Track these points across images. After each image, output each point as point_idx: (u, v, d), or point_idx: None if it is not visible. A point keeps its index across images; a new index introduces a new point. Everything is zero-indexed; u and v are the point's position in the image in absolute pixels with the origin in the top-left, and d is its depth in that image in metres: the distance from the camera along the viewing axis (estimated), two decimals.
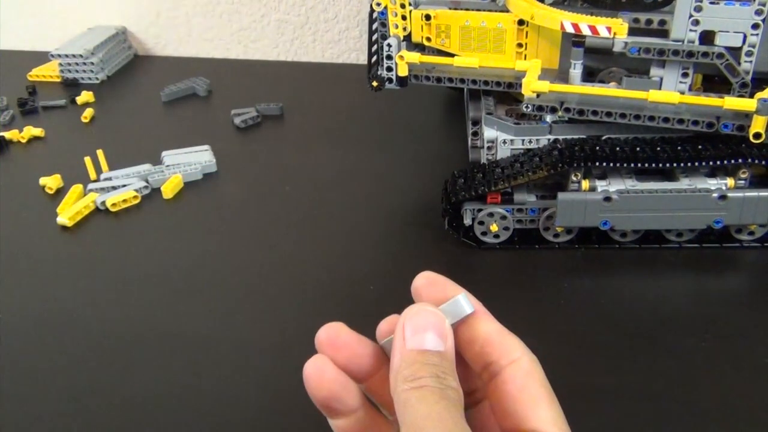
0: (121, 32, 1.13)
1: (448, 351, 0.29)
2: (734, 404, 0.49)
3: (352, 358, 0.31)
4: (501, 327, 0.31)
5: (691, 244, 0.64)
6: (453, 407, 0.27)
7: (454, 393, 0.28)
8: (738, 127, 0.58)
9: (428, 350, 0.29)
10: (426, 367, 0.28)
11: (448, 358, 0.29)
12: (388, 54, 0.68)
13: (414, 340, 0.29)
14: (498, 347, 0.30)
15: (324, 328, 0.31)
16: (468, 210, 0.64)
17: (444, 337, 0.29)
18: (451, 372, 0.29)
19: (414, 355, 0.29)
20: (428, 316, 0.30)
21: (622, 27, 0.57)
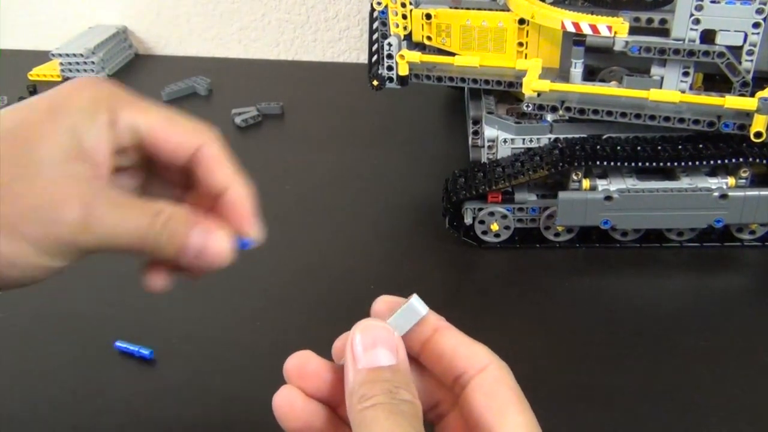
0: (122, 31, 1.13)
1: (400, 363, 0.29)
2: (735, 404, 0.49)
3: (321, 385, 0.31)
4: (466, 337, 0.31)
5: (691, 243, 0.64)
6: (405, 421, 0.27)
7: (407, 406, 0.27)
8: (739, 126, 0.58)
9: (380, 367, 0.29)
10: (378, 385, 0.28)
11: (401, 371, 0.29)
12: (389, 53, 0.67)
13: (365, 358, 0.29)
14: (465, 358, 0.30)
15: (291, 359, 0.31)
16: (468, 209, 0.64)
17: (394, 350, 0.29)
18: (405, 384, 0.28)
19: (365, 373, 0.28)
20: (376, 332, 0.30)
21: (622, 26, 0.57)
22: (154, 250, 0.31)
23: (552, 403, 0.49)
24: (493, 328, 0.56)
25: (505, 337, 0.55)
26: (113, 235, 0.30)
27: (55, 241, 0.29)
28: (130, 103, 0.33)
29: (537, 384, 0.50)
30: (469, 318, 0.57)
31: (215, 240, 0.32)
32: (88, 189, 0.30)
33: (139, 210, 0.31)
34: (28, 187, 0.29)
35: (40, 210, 0.29)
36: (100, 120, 0.31)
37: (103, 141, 0.31)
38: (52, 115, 0.30)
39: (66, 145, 0.30)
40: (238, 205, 0.34)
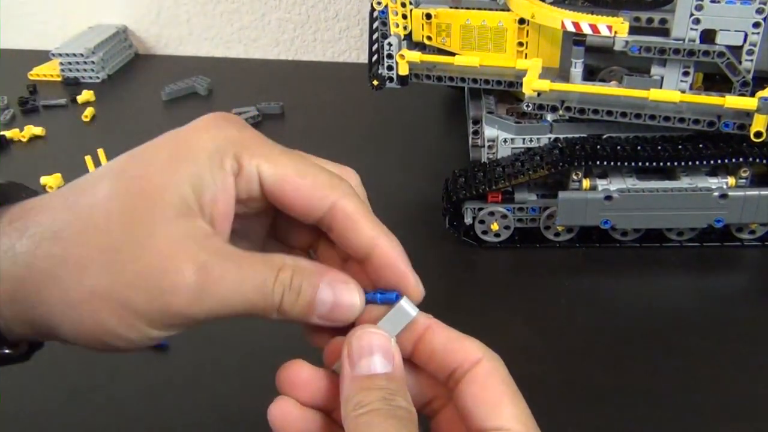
0: (122, 31, 1.13)
1: (396, 371, 0.29)
2: (736, 403, 0.49)
3: (315, 393, 0.31)
4: (457, 333, 0.31)
5: (691, 243, 0.64)
6: (401, 424, 0.27)
7: (403, 412, 0.27)
8: (739, 126, 0.58)
9: (375, 374, 0.28)
10: (373, 392, 0.28)
11: (396, 378, 0.29)
12: (389, 53, 0.67)
13: (360, 365, 0.29)
14: (457, 353, 0.30)
15: (282, 370, 0.31)
16: (468, 209, 0.64)
17: (390, 357, 0.29)
18: (401, 391, 0.28)
19: (361, 381, 0.28)
20: (372, 339, 0.29)
21: (623, 26, 0.57)
22: (279, 310, 0.29)
23: (552, 403, 0.49)
24: (493, 327, 0.56)
25: (505, 336, 0.55)
26: (231, 298, 0.28)
27: (166, 315, 0.27)
28: (258, 149, 0.30)
29: (537, 384, 0.50)
30: (469, 318, 0.57)
31: (346, 294, 0.30)
32: (204, 251, 0.27)
33: (259, 266, 0.28)
34: (138, 252, 0.27)
35: (149, 279, 0.27)
36: (225, 170, 0.29)
37: (225, 192, 0.29)
38: (173, 163, 0.28)
39: (184, 199, 0.28)
40: (392, 265, 0.31)
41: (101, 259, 0.27)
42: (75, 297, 0.27)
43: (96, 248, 0.27)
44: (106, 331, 0.27)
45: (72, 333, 0.28)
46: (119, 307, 0.27)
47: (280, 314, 0.29)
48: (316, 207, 0.30)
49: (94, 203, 0.28)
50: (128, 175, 0.28)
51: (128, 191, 0.28)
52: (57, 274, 0.27)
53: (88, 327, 0.27)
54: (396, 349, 0.30)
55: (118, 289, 0.27)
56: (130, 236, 0.27)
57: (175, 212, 0.27)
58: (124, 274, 0.27)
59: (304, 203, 0.30)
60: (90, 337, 0.28)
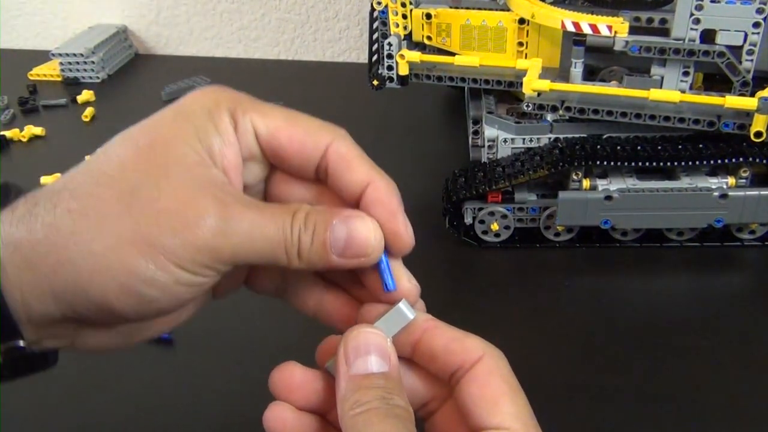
0: (122, 31, 1.13)
1: (392, 370, 0.29)
2: (736, 403, 0.49)
3: (309, 395, 0.31)
4: (458, 332, 0.31)
5: (691, 243, 0.64)
6: (400, 423, 0.27)
7: (401, 411, 0.27)
8: (739, 126, 0.58)
9: (372, 373, 0.28)
10: (371, 391, 0.28)
11: (393, 378, 0.29)
12: (389, 53, 0.67)
13: (356, 365, 0.29)
14: (459, 353, 0.30)
15: (275, 372, 0.31)
16: (469, 209, 0.64)
17: (387, 357, 0.29)
18: (398, 390, 0.28)
19: (358, 380, 0.28)
20: (368, 338, 0.29)
21: (623, 26, 0.57)
22: (298, 252, 0.29)
23: (552, 403, 0.49)
24: (493, 327, 0.56)
25: (505, 336, 0.55)
26: (253, 239, 0.28)
27: (192, 247, 0.27)
28: (249, 106, 0.31)
29: (537, 384, 0.50)
30: (469, 318, 0.57)
31: (360, 225, 0.30)
32: (223, 193, 0.28)
33: (276, 210, 0.29)
34: (160, 193, 0.27)
35: (174, 216, 0.27)
36: (223, 123, 0.30)
37: (231, 146, 0.30)
38: (177, 122, 0.29)
39: (197, 150, 0.29)
40: (384, 201, 0.31)
41: (121, 204, 0.27)
42: (100, 246, 0.26)
43: (114, 195, 0.27)
44: (138, 275, 0.27)
45: (101, 289, 0.27)
46: (147, 246, 0.27)
47: (300, 257, 0.29)
48: (311, 152, 0.31)
49: (107, 159, 0.28)
50: (137, 134, 0.29)
51: (139, 145, 0.28)
52: (78, 229, 0.27)
53: (119, 276, 0.27)
54: (392, 349, 0.30)
55: (142, 229, 0.27)
56: (147, 179, 0.27)
57: (189, 161, 0.28)
58: (147, 214, 0.27)
59: (299, 150, 0.31)
60: (122, 291, 0.27)
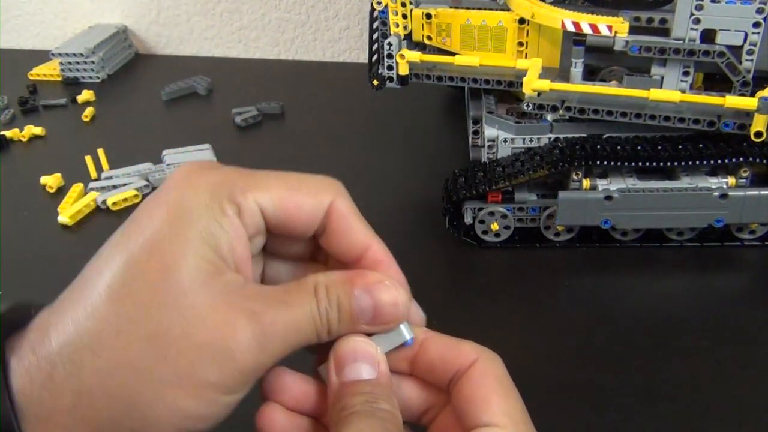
0: (122, 31, 1.13)
1: (381, 377, 0.29)
2: (736, 403, 0.49)
3: (300, 397, 0.31)
4: (451, 339, 0.31)
5: (691, 242, 0.64)
6: (380, 423, 0.27)
7: (385, 414, 0.28)
8: (739, 126, 0.58)
9: (360, 380, 0.29)
10: (357, 397, 0.28)
11: (381, 384, 0.29)
12: (389, 53, 0.67)
13: (345, 372, 0.29)
14: (453, 359, 0.30)
15: (267, 375, 0.31)
16: (468, 209, 0.64)
17: (375, 363, 0.29)
18: (385, 396, 0.29)
19: (346, 386, 0.29)
20: (357, 345, 0.30)
21: (623, 25, 0.57)
22: (329, 330, 0.29)
23: (552, 403, 0.49)
24: (493, 327, 0.56)
25: (505, 336, 0.55)
26: (289, 337, 0.27)
27: (238, 373, 0.26)
28: (246, 183, 0.29)
29: (537, 383, 0.50)
30: (469, 318, 0.57)
31: (385, 294, 0.30)
32: (246, 301, 0.27)
33: (299, 296, 0.28)
34: (188, 327, 0.25)
35: (210, 347, 0.26)
36: (228, 215, 0.28)
37: (238, 237, 0.28)
38: (176, 228, 0.27)
39: (205, 258, 0.27)
40: (385, 262, 0.31)
41: (152, 350, 0.25)
42: (144, 401, 0.25)
43: (141, 342, 0.25)
44: (190, 416, 0.26)
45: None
46: (194, 388, 0.26)
47: (329, 334, 0.29)
48: (316, 216, 0.30)
49: (114, 294, 0.26)
50: (137, 254, 0.26)
51: (144, 270, 0.26)
52: (113, 390, 0.25)
53: (171, 421, 0.26)
54: (381, 357, 0.30)
55: (184, 371, 0.25)
56: (171, 314, 0.26)
57: (202, 275, 0.26)
58: (185, 354, 0.25)
59: (306, 216, 0.30)
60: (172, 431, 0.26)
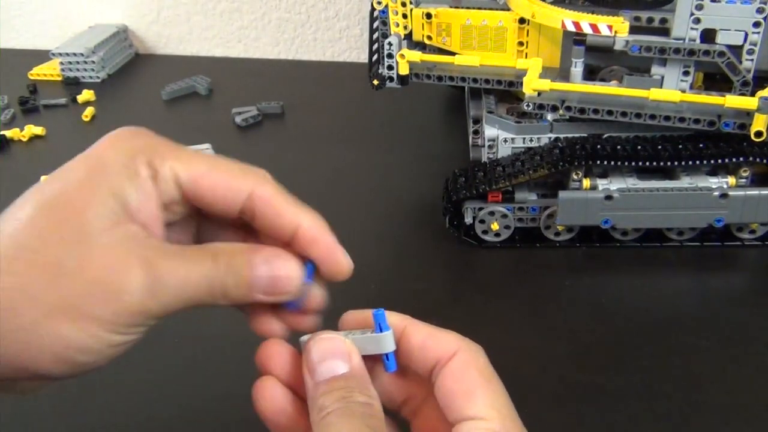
0: (122, 31, 1.13)
1: (354, 369, 0.30)
2: (736, 403, 0.49)
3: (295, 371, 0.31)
4: (434, 328, 0.32)
5: (692, 242, 0.64)
6: (357, 420, 0.28)
7: (360, 407, 0.28)
8: (739, 126, 0.58)
9: (333, 377, 0.30)
10: (331, 395, 0.29)
11: (355, 376, 0.30)
12: (389, 52, 0.67)
13: (318, 372, 0.30)
14: (435, 349, 0.31)
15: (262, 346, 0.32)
16: (469, 208, 0.64)
17: (346, 357, 0.30)
18: (360, 387, 0.29)
19: (321, 386, 0.29)
20: (325, 344, 0.31)
21: (623, 25, 0.57)
22: (224, 294, 0.30)
23: (552, 403, 0.49)
24: (493, 327, 0.56)
25: (505, 336, 0.55)
26: (180, 290, 0.28)
27: (125, 313, 0.27)
28: (168, 153, 0.30)
29: (537, 383, 0.50)
30: (470, 317, 0.57)
31: (282, 264, 0.30)
32: (145, 250, 0.28)
33: (198, 257, 0.29)
34: (84, 262, 0.27)
35: (101, 284, 0.27)
36: (141, 176, 0.29)
37: (148, 198, 0.29)
38: (91, 179, 0.28)
39: (112, 209, 0.28)
40: (317, 239, 0.31)
41: (46, 278, 0.26)
42: (29, 320, 0.26)
43: (38, 270, 0.26)
44: (71, 345, 0.27)
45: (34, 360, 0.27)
46: (78, 316, 0.26)
47: (226, 298, 0.30)
48: (234, 198, 0.31)
49: (24, 229, 0.27)
50: (49, 196, 0.28)
51: (54, 210, 0.28)
52: (6, 305, 0.26)
53: (53, 347, 0.26)
54: (353, 349, 0.31)
55: (72, 301, 0.26)
56: (70, 249, 0.27)
57: (106, 222, 0.28)
58: (75, 286, 0.26)
59: (222, 196, 0.31)
60: (56, 360, 0.27)
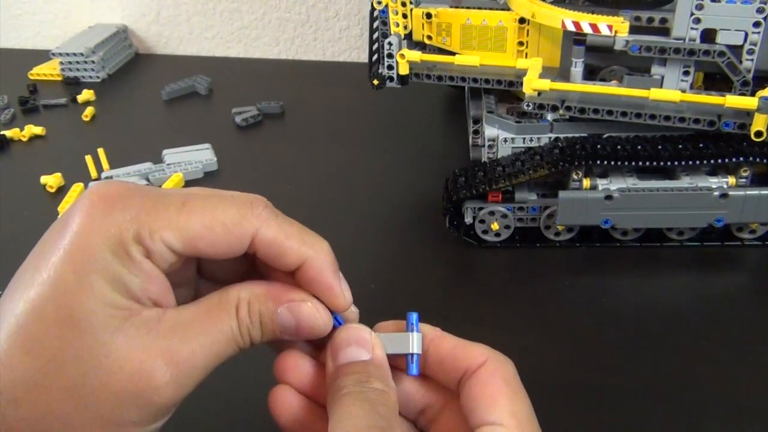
0: (122, 30, 1.13)
1: (375, 359, 0.31)
2: (736, 403, 0.49)
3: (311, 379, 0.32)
4: (462, 340, 0.32)
5: (692, 242, 0.64)
6: (369, 404, 0.28)
7: (377, 394, 0.29)
8: (739, 126, 0.58)
9: (352, 362, 0.30)
10: (349, 377, 0.29)
11: (375, 365, 0.30)
12: (389, 52, 0.67)
13: (339, 356, 0.31)
14: (463, 359, 0.31)
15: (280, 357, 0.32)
16: (469, 208, 0.64)
17: (369, 347, 0.31)
18: (379, 376, 0.30)
19: (340, 369, 0.30)
20: (351, 332, 0.31)
21: (623, 25, 0.57)
22: (251, 343, 0.30)
23: (552, 403, 0.49)
24: (493, 327, 0.56)
25: (505, 336, 0.55)
26: (208, 362, 0.28)
27: (157, 412, 0.27)
28: (155, 222, 0.28)
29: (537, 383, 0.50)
30: (470, 317, 0.57)
31: (305, 312, 0.30)
32: (162, 339, 0.27)
33: (219, 316, 0.29)
34: (106, 377, 0.26)
35: (129, 392, 0.26)
36: (135, 260, 0.27)
37: (149, 276, 0.28)
38: (82, 280, 0.26)
39: (115, 305, 0.27)
40: (318, 279, 0.31)
41: (73, 402, 0.26)
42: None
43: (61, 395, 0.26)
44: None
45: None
46: (116, 427, 0.26)
47: (252, 345, 0.30)
48: (236, 249, 0.30)
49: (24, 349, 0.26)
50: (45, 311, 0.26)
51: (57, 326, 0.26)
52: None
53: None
54: (376, 340, 0.31)
55: (105, 417, 0.26)
56: (88, 367, 0.26)
57: (115, 321, 0.27)
58: (104, 402, 0.26)
59: (223, 252, 0.29)
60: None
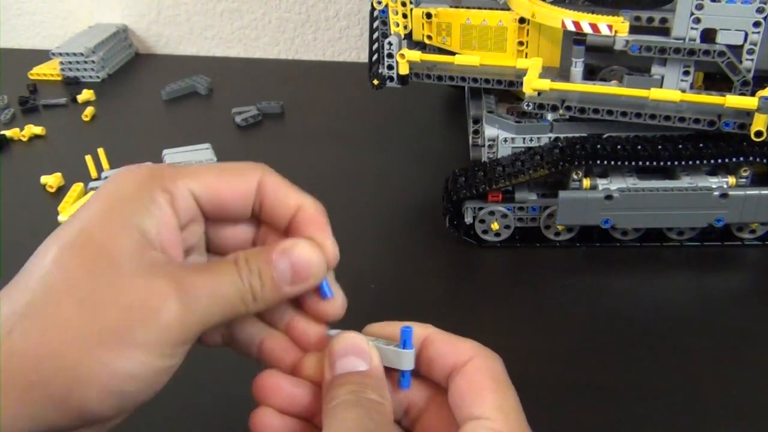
0: (122, 30, 1.13)
1: (372, 370, 0.31)
2: (736, 403, 0.49)
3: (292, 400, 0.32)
4: (452, 336, 0.32)
5: (692, 242, 0.64)
6: (363, 412, 0.28)
7: (371, 403, 0.29)
8: (739, 126, 0.58)
9: (349, 372, 0.30)
10: (345, 387, 0.29)
11: (372, 375, 0.30)
12: (389, 52, 0.67)
13: (336, 366, 0.31)
14: (451, 355, 0.31)
15: (258, 378, 0.32)
16: (469, 208, 0.64)
17: (366, 357, 0.31)
18: (375, 387, 0.30)
19: (336, 380, 0.30)
20: (348, 341, 0.31)
21: (623, 25, 0.57)
22: (254, 297, 0.30)
23: (552, 403, 0.49)
24: (493, 327, 0.56)
25: (505, 336, 0.55)
26: (212, 299, 0.29)
27: (165, 332, 0.28)
28: (177, 173, 0.31)
29: (537, 383, 0.50)
30: (470, 317, 0.57)
31: (298, 251, 0.31)
32: (174, 273, 0.29)
33: (220, 267, 0.30)
34: (116, 291, 0.27)
35: (137, 308, 0.27)
36: (158, 202, 0.30)
37: (166, 225, 0.30)
38: (109, 214, 0.29)
39: (134, 239, 0.29)
40: (313, 220, 0.33)
41: (83, 311, 0.27)
42: (73, 357, 0.27)
43: (72, 304, 0.27)
44: (118, 374, 0.27)
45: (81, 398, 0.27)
46: (120, 344, 0.27)
47: (256, 300, 0.30)
48: (248, 194, 0.32)
49: (49, 270, 0.28)
50: (71, 236, 0.29)
51: (78, 248, 0.28)
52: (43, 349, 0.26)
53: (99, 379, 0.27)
54: (373, 350, 0.31)
55: (111, 329, 0.27)
56: (100, 281, 0.28)
57: (130, 251, 0.28)
58: (112, 315, 0.27)
59: (240, 195, 0.32)
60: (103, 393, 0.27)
